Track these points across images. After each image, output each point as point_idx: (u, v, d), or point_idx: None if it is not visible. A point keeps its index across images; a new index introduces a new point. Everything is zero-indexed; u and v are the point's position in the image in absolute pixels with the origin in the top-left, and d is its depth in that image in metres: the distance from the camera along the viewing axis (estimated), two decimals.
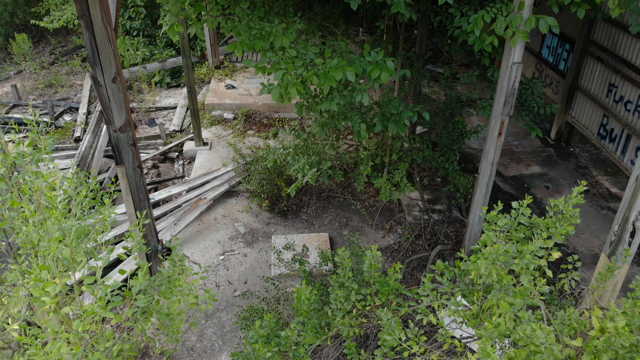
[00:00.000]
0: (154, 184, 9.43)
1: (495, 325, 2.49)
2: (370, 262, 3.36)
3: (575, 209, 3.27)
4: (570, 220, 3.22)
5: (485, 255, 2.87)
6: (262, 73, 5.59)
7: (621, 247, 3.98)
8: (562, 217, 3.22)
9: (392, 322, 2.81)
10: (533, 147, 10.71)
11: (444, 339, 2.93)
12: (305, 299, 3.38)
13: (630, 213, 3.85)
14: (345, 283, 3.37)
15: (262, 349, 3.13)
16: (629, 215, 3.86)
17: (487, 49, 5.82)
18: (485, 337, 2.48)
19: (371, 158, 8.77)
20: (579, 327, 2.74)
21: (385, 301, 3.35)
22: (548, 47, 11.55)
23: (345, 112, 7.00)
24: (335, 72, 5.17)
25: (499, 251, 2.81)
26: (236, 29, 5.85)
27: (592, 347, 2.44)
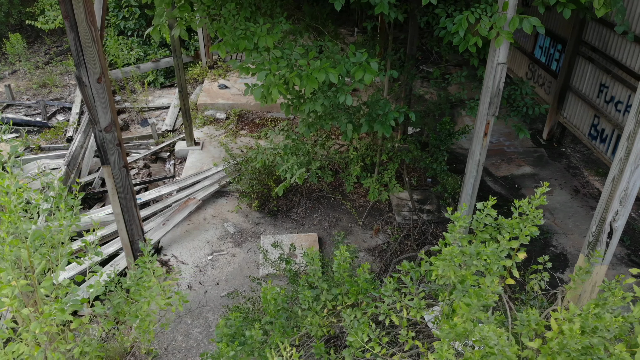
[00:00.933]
0: (144, 183, 9.44)
1: (451, 326, 2.49)
2: (339, 262, 3.36)
3: (539, 209, 3.26)
4: (534, 221, 3.22)
5: (441, 256, 2.87)
6: (246, 73, 5.59)
7: (599, 247, 3.98)
8: (526, 218, 3.22)
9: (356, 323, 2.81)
10: (525, 148, 10.71)
11: (405, 339, 2.93)
12: (272, 298, 3.38)
13: (607, 214, 3.86)
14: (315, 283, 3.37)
15: (225, 348, 3.14)
16: (605, 216, 3.87)
17: (471, 50, 5.83)
18: (442, 337, 2.48)
19: (361, 158, 8.78)
20: (539, 329, 2.74)
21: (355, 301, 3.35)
22: (540, 47, 11.55)
23: (333, 112, 7.01)
24: (317, 73, 5.17)
25: (453, 252, 2.81)
26: (221, 30, 5.86)
27: (547, 349, 2.44)
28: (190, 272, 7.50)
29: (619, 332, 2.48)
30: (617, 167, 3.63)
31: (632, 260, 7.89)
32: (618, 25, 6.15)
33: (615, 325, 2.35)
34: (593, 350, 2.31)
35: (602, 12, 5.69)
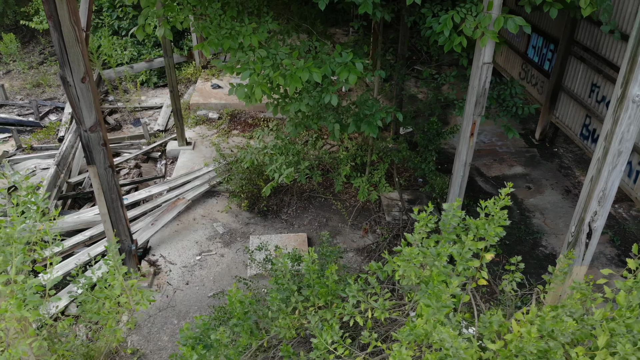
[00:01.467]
0: (134, 183, 9.43)
1: (411, 328, 2.48)
2: (308, 263, 3.35)
3: (503, 210, 3.24)
4: (499, 222, 3.20)
5: (402, 257, 2.85)
6: (231, 73, 5.58)
7: (578, 248, 3.97)
8: (492, 218, 3.21)
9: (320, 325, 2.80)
10: (517, 148, 10.69)
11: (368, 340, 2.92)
12: (237, 301, 3.36)
13: (585, 214, 3.84)
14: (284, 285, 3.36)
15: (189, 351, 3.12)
16: (584, 216, 3.85)
17: (456, 50, 5.80)
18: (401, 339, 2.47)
19: (351, 158, 8.77)
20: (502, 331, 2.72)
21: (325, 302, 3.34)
22: (533, 47, 11.53)
23: (320, 112, 6.99)
24: (301, 73, 5.16)
25: (412, 253, 2.80)
26: (206, 29, 5.84)
27: (505, 352, 2.42)
28: (178, 272, 7.49)
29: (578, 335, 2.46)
30: (595, 167, 3.61)
31: (622, 260, 7.87)
32: (604, 24, 6.12)
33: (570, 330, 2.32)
34: (550, 353, 2.29)
35: (589, 11, 5.67)
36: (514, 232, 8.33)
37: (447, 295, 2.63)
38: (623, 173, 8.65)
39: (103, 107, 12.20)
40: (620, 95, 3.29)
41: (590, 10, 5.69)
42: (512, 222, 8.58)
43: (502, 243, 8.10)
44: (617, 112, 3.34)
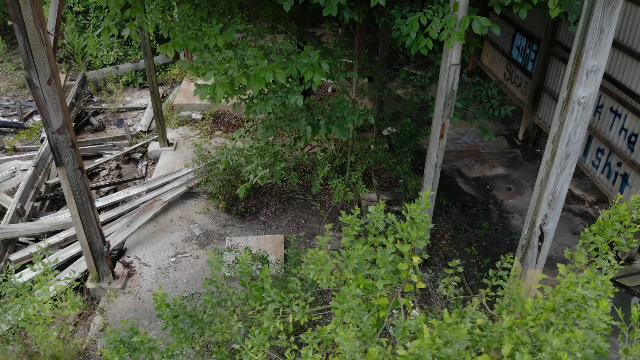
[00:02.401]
0: (113, 184, 9.41)
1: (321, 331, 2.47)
2: (242, 266, 3.33)
3: (425, 214, 3.22)
4: (421, 226, 3.18)
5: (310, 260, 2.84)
6: (195, 73, 5.56)
7: (531, 251, 3.95)
8: (413, 222, 3.19)
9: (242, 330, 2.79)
10: (500, 149, 10.66)
11: (286, 344, 2.90)
12: (165, 305, 3.35)
13: (536, 217, 3.82)
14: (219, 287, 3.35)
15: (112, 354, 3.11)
16: (535, 219, 3.83)
17: (423, 52, 5.77)
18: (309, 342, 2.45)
19: (330, 159, 8.75)
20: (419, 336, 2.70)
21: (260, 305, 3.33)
22: (518, 48, 11.50)
23: (293, 113, 6.98)
24: (265, 73, 5.14)
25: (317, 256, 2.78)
26: (173, 30, 5.83)
27: (409, 357, 2.40)
28: (152, 274, 7.48)
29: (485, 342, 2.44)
30: (544, 170, 3.59)
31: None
32: (572, 25, 6.09)
33: (462, 337, 2.30)
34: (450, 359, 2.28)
35: (557, 12, 5.65)
36: (491, 233, 8.31)
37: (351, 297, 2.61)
38: (603, 174, 8.62)
39: (87, 107, 12.19)
40: (565, 97, 3.26)
41: (558, 11, 5.66)
42: (491, 223, 8.56)
43: (479, 244, 8.08)
44: (563, 115, 3.32)
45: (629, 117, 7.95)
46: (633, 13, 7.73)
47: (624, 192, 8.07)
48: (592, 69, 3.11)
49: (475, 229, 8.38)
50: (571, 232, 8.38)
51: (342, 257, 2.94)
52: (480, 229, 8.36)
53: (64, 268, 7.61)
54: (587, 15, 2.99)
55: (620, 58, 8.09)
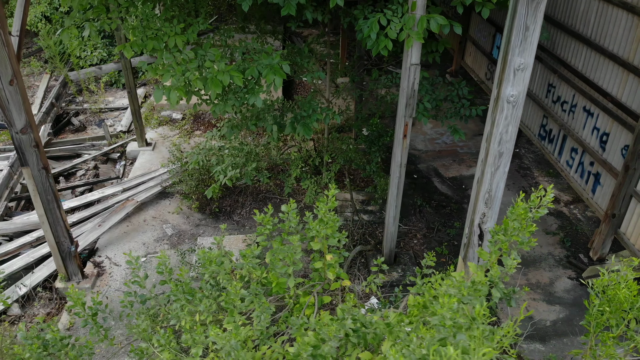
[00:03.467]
0: (89, 184, 9.43)
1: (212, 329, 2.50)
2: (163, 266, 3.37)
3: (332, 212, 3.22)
4: (329, 225, 3.19)
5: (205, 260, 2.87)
6: (154, 75, 5.57)
7: (472, 250, 3.96)
8: (321, 221, 3.20)
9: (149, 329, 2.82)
10: (478, 148, 10.60)
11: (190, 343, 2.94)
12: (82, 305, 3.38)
13: (475, 216, 3.83)
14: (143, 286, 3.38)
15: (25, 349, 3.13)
16: (474, 218, 3.83)
17: (383, 53, 5.77)
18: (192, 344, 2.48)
19: (304, 159, 8.77)
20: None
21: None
22: (498, 47, 11.49)
23: (259, 113, 6.99)
24: (222, 76, 5.15)
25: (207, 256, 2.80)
26: (134, 31, 5.84)
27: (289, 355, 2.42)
28: (122, 273, 7.49)
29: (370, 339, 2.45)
30: (480, 169, 3.60)
31: (571, 262, 7.85)
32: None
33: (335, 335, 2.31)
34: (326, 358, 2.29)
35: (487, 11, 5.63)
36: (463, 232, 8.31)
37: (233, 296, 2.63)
38: (576, 174, 8.61)
39: (69, 108, 12.22)
40: (495, 95, 3.27)
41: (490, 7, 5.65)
42: (464, 222, 8.55)
43: (451, 244, 8.09)
44: (494, 114, 3.32)
45: (600, 116, 7.95)
46: (605, 11, 7.73)
47: (596, 192, 8.07)
48: (520, 67, 3.11)
49: (448, 228, 8.39)
50: (544, 231, 8.39)
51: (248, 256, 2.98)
52: (452, 228, 8.36)
53: (35, 267, 7.63)
54: (512, 13, 3.00)
55: (592, 57, 8.09)
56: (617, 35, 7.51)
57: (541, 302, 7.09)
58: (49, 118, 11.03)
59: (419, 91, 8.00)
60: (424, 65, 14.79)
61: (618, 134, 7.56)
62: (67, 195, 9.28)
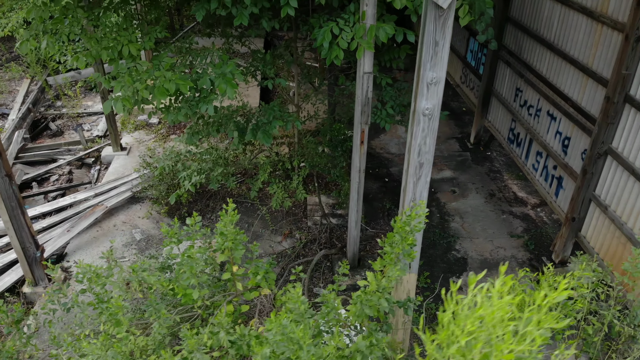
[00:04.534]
0: (61, 189, 9.52)
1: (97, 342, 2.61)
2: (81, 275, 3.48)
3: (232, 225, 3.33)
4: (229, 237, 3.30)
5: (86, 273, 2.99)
6: (106, 85, 5.67)
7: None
8: (222, 234, 3.30)
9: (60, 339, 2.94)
10: (450, 152, 10.76)
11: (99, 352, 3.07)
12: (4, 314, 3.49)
13: None
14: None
15: None
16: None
17: (336, 62, 5.86)
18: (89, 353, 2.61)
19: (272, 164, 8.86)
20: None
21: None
22: (471, 51, 11.62)
23: (220, 119, 7.09)
24: (168, 84, 5.24)
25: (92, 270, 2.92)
26: (90, 41, 5.93)
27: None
28: None
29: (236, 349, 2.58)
30: (404, 179, 3.70)
31: (533, 265, 7.95)
32: (480, 34, 6.21)
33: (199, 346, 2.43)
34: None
35: (467, 20, 5.74)
36: (429, 235, 8.41)
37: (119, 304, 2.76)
38: (541, 177, 8.71)
39: (47, 113, 12.30)
40: (413, 109, 3.37)
41: (468, 19, 5.76)
42: (430, 225, 8.66)
43: None
44: (412, 126, 3.42)
45: (563, 120, 8.07)
46: (567, 16, 7.84)
47: (559, 195, 8.18)
48: (432, 81, 3.21)
49: None
50: (509, 234, 8.49)
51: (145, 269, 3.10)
52: None
53: (4, 272, 7.71)
54: (423, 29, 3.10)
55: (555, 62, 8.21)
56: (577, 40, 7.63)
57: None
58: (25, 123, 11.11)
59: (383, 97, 8.12)
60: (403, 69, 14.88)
61: (578, 138, 7.68)
62: (39, 201, 9.36)
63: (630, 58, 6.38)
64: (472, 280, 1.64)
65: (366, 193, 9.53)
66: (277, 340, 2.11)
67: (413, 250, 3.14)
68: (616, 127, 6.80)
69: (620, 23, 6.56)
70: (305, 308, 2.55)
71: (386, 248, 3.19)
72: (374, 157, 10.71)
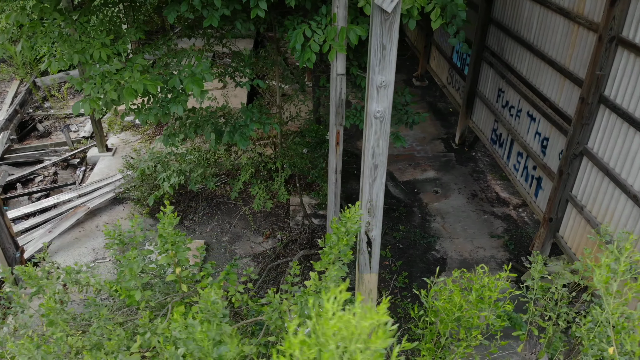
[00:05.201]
0: (45, 190, 9.57)
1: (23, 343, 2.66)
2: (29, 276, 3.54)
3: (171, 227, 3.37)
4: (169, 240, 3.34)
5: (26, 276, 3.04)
6: (78, 88, 5.71)
7: (362, 256, 4.10)
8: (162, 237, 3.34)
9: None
10: (435, 152, 10.80)
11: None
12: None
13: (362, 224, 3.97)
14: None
15: None
16: (361, 226, 3.98)
17: (309, 65, 5.89)
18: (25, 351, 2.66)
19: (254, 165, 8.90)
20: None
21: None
22: (457, 52, 11.65)
23: (198, 121, 7.12)
24: (137, 85, 5.28)
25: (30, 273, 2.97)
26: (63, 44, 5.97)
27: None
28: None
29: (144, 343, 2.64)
30: (362, 180, 3.74)
31: (512, 265, 7.97)
32: (451, 38, 6.24)
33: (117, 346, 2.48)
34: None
35: (439, 23, 5.78)
36: (409, 235, 8.45)
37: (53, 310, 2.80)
38: (522, 178, 8.74)
39: (35, 114, 12.35)
40: (366, 112, 3.41)
41: (440, 22, 5.80)
42: (411, 225, 8.71)
43: (395, 247, 8.22)
44: (365, 129, 3.46)
45: (542, 121, 8.10)
46: (545, 17, 7.87)
47: (538, 196, 8.22)
48: (381, 84, 3.24)
49: (394, 231, 8.52)
50: (489, 235, 8.53)
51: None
52: (398, 231, 8.50)
53: None
54: (370, 33, 3.13)
55: (535, 63, 8.24)
56: (555, 41, 7.66)
57: None
58: (11, 125, 11.16)
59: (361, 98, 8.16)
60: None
61: (556, 139, 7.72)
62: (24, 202, 9.41)
63: (604, 59, 6.41)
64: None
65: (349, 193, 9.59)
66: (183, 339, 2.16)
67: (350, 251, 3.18)
68: (591, 128, 6.83)
69: (595, 23, 6.59)
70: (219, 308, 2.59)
71: (325, 249, 3.23)
72: (358, 157, 10.73)
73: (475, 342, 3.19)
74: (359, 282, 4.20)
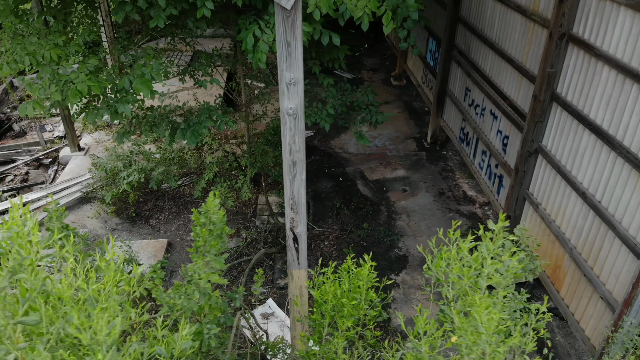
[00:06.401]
0: (14, 189, 9.62)
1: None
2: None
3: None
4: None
5: None
6: (29, 90, 5.76)
7: (290, 253, 4.14)
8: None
9: None
10: (406, 151, 10.83)
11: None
12: None
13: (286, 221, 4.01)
14: None
15: None
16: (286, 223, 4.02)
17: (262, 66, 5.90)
18: None
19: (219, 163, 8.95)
20: None
21: None
22: (430, 51, 11.69)
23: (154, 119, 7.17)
24: (81, 86, 5.33)
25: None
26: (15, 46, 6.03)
27: None
28: None
29: None
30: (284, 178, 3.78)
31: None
32: (402, 42, 6.27)
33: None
34: None
35: (390, 27, 5.77)
36: (374, 234, 8.49)
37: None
38: (486, 176, 8.77)
39: (12, 114, 12.41)
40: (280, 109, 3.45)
41: (391, 27, 5.79)
42: (377, 224, 8.74)
43: (359, 244, 8.26)
44: (282, 126, 3.50)
45: (502, 119, 8.14)
46: (505, 16, 7.91)
47: (500, 194, 8.26)
48: (291, 81, 3.28)
49: (359, 229, 8.56)
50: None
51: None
52: (362, 230, 8.54)
53: None
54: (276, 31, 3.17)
55: (496, 61, 8.28)
56: (514, 39, 7.70)
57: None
58: None
59: (325, 97, 8.20)
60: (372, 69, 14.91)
61: (515, 137, 7.75)
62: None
63: (554, 56, 6.45)
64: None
65: (319, 192, 9.63)
66: None
67: (215, 242, 3.23)
68: (545, 126, 6.87)
69: (548, 20, 6.61)
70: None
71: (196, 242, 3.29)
72: (331, 156, 10.78)
73: (351, 332, 3.29)
74: (290, 279, 4.24)
